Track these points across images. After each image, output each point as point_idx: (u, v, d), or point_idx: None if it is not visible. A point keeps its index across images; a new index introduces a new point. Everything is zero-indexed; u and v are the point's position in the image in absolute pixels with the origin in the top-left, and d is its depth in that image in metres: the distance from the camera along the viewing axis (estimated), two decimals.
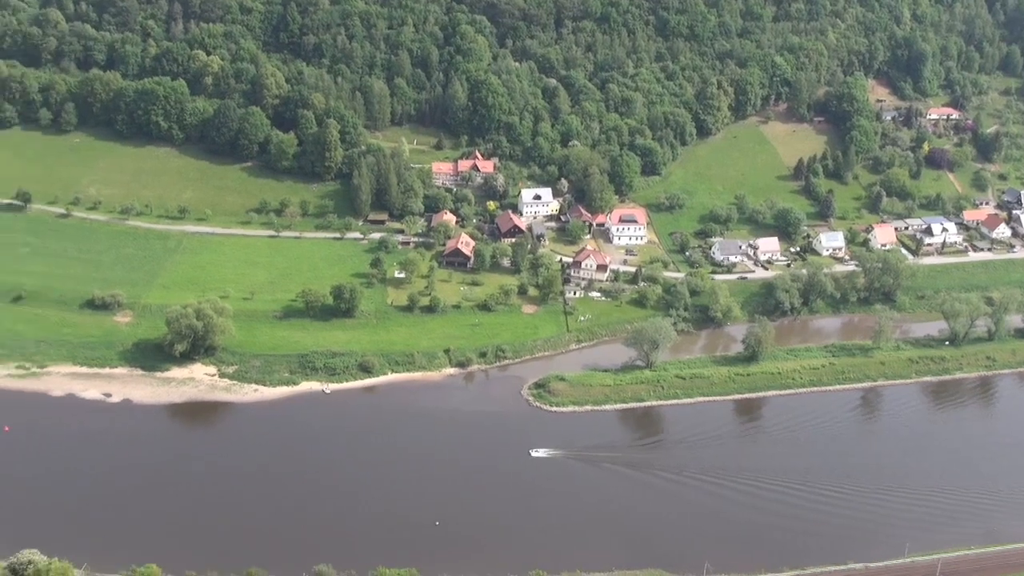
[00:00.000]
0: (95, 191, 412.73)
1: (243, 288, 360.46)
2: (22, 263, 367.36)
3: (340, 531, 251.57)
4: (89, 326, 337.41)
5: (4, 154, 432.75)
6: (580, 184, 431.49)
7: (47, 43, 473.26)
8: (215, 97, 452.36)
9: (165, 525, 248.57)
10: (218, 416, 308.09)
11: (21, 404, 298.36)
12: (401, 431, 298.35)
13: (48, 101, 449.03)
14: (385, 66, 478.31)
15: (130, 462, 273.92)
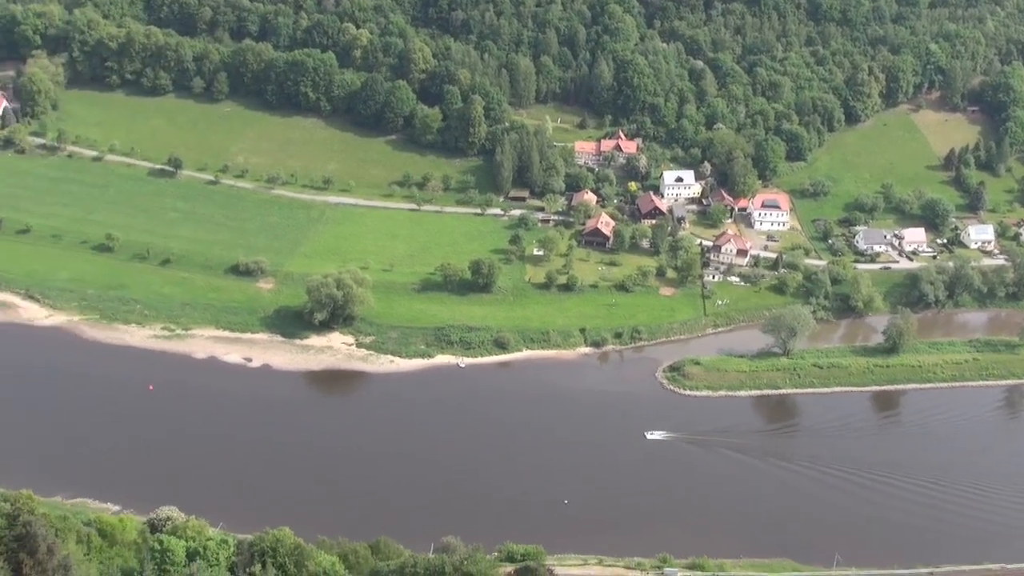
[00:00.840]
0: (243, 159, 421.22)
1: (383, 260, 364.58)
2: (172, 228, 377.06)
3: (468, 504, 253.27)
4: (233, 291, 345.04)
5: (158, 121, 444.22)
6: (723, 168, 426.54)
7: (203, 13, 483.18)
8: (363, 70, 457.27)
9: (298, 489, 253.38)
10: (353, 385, 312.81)
11: (165, 364, 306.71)
12: (533, 408, 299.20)
13: (201, 70, 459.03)
14: (532, 44, 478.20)
15: (267, 427, 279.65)
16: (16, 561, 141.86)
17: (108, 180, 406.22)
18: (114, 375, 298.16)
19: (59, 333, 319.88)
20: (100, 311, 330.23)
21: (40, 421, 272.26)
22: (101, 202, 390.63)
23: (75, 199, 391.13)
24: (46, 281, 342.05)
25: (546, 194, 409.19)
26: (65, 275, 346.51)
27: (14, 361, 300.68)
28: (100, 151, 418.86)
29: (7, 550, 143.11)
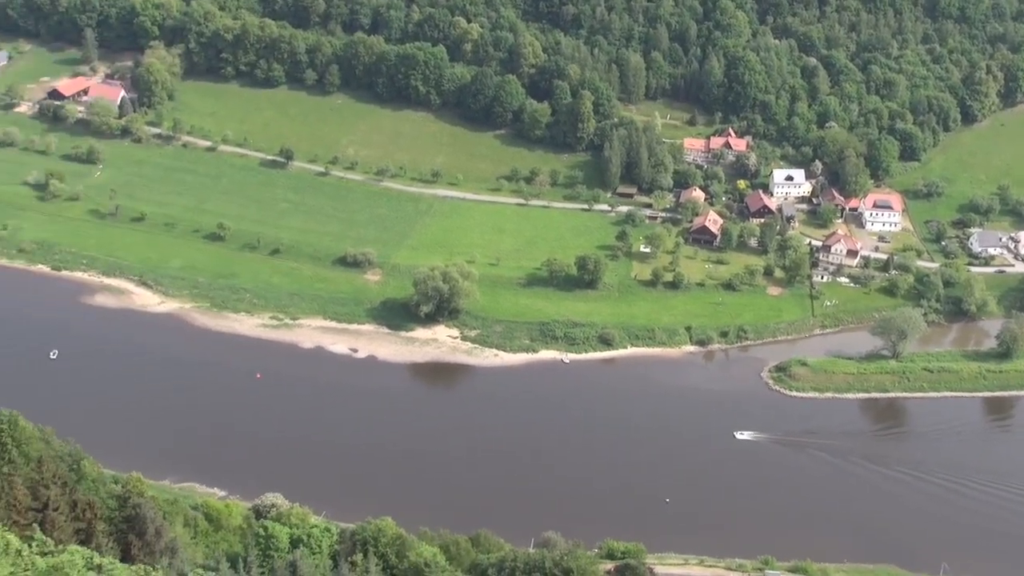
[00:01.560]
0: (353, 152, 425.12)
1: (489, 254, 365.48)
2: (282, 218, 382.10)
3: (568, 500, 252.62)
4: (340, 282, 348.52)
5: (271, 112, 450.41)
6: (834, 167, 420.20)
7: (316, 6, 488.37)
8: (473, 64, 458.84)
9: (400, 480, 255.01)
10: (458, 378, 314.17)
11: (273, 353, 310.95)
12: (636, 405, 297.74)
13: (314, 62, 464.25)
14: (642, 39, 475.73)
15: (371, 418, 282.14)
16: (125, 542, 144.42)
17: (221, 170, 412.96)
18: (223, 363, 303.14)
19: (171, 320, 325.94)
20: (211, 299, 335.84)
21: (150, 406, 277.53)
22: (214, 192, 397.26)
23: (189, 188, 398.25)
24: (159, 268, 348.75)
25: (654, 191, 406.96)
26: (178, 263, 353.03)
27: (127, 346, 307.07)
28: (214, 141, 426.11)
29: (116, 531, 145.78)
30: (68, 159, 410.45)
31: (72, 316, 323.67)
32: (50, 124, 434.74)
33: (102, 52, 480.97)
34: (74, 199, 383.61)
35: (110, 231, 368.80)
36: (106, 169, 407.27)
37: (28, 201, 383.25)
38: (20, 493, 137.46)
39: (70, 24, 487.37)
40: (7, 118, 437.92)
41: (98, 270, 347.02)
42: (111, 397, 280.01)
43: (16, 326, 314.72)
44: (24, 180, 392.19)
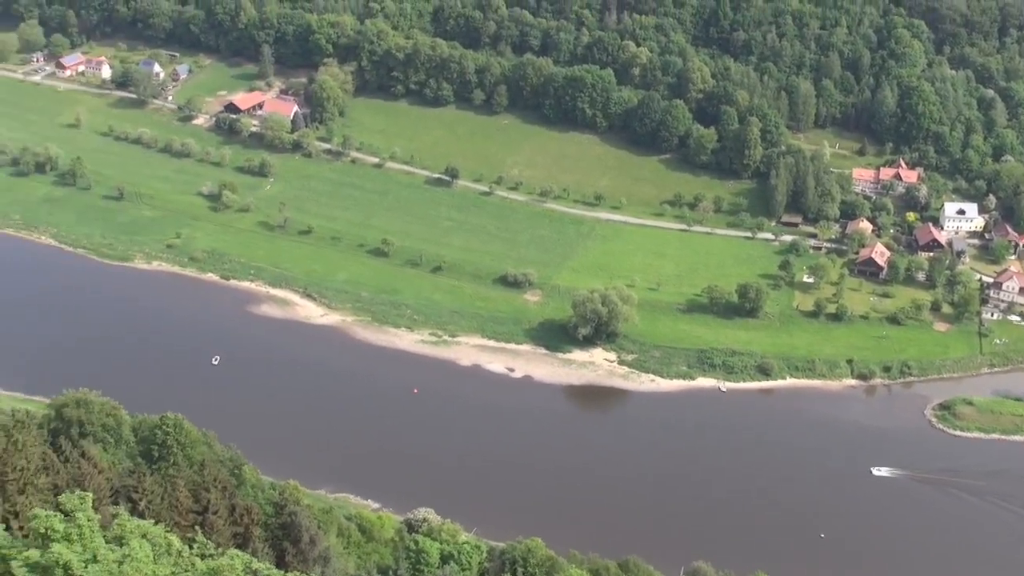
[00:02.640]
0: (518, 172, 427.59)
1: (650, 278, 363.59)
2: (445, 236, 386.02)
3: (719, 530, 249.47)
4: (499, 301, 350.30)
5: (439, 131, 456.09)
6: (1009, 201, 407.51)
7: (487, 27, 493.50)
8: (640, 88, 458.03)
9: (551, 501, 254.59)
10: (613, 402, 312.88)
11: (431, 369, 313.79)
12: (793, 437, 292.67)
13: (483, 82, 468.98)
14: (813, 67, 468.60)
15: (525, 438, 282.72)
16: (280, 549, 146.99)
17: (387, 187, 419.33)
18: (381, 376, 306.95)
19: (333, 332, 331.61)
20: (372, 313, 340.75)
21: (309, 415, 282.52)
22: (379, 208, 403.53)
23: (355, 203, 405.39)
24: (324, 281, 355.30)
25: (819, 220, 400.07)
26: (342, 276, 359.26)
27: (289, 356, 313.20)
28: (381, 158, 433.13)
29: (272, 537, 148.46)
30: (241, 171, 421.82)
31: (237, 324, 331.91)
32: (225, 137, 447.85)
33: (278, 68, 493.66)
34: (245, 210, 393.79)
35: (278, 243, 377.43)
36: (277, 182, 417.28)
37: (201, 211, 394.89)
38: (183, 495, 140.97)
39: (248, 40, 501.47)
40: (185, 130, 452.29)
41: (265, 280, 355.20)
42: (271, 405, 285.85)
43: (183, 331, 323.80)
44: (199, 190, 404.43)
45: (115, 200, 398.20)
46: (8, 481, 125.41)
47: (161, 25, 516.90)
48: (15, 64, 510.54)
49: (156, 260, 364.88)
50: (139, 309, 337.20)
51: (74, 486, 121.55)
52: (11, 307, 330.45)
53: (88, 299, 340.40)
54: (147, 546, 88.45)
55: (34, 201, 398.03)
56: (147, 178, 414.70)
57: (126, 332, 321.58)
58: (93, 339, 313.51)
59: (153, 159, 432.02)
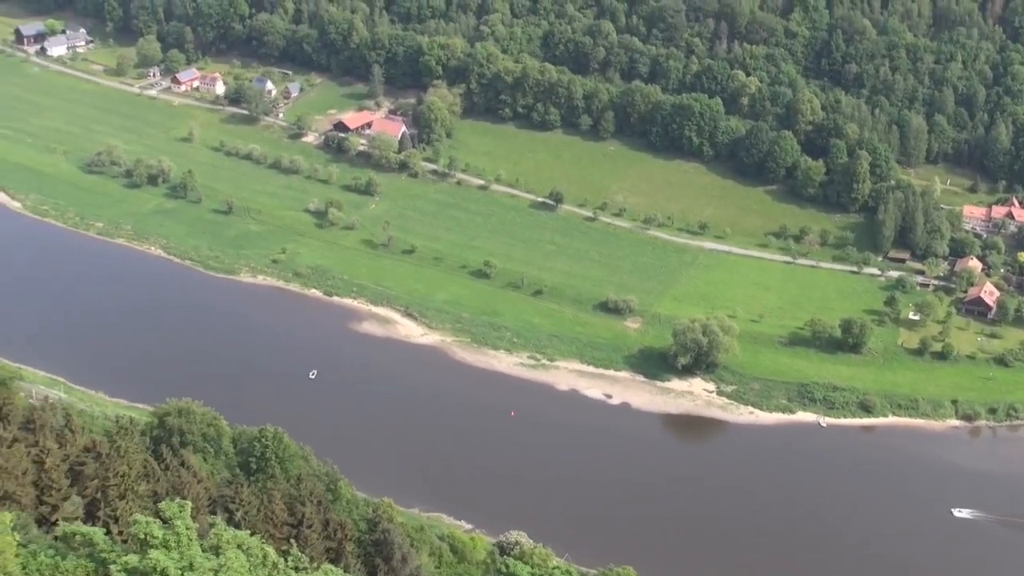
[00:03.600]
0: (622, 199, 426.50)
1: (752, 310, 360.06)
2: (547, 260, 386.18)
3: (810, 565, 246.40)
4: (599, 327, 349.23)
5: (544, 155, 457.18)
6: None
7: (596, 53, 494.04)
8: (749, 118, 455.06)
9: (644, 529, 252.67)
10: (711, 433, 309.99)
11: (529, 392, 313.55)
12: (893, 476, 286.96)
13: (590, 108, 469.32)
14: (926, 101, 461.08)
15: (620, 464, 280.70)
16: (371, 565, 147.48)
17: (491, 209, 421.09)
18: (479, 398, 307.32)
19: (432, 352, 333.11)
20: (472, 334, 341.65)
21: (405, 433, 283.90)
22: (483, 230, 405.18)
23: (459, 225, 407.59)
24: (425, 301, 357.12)
25: (928, 257, 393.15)
26: (443, 296, 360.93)
27: (389, 374, 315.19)
28: (487, 180, 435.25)
29: (364, 553, 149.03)
30: (347, 189, 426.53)
31: (337, 340, 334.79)
32: (333, 155, 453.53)
33: (387, 88, 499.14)
34: (350, 228, 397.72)
35: (381, 261, 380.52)
36: (382, 201, 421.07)
37: (307, 227, 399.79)
38: (278, 508, 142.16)
39: (359, 60, 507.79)
40: (294, 147, 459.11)
41: (367, 298, 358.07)
42: (367, 421, 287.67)
43: (284, 345, 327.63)
44: (305, 207, 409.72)
45: (224, 214, 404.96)
46: (110, 486, 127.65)
47: (275, 43, 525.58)
48: (133, 78, 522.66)
49: (261, 274, 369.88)
50: (242, 322, 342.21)
51: (173, 494, 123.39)
52: (120, 315, 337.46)
53: (193, 310, 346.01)
54: (242, 557, 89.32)
55: (145, 212, 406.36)
56: (255, 193, 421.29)
57: (228, 344, 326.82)
58: (196, 349, 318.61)
59: (262, 175, 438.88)
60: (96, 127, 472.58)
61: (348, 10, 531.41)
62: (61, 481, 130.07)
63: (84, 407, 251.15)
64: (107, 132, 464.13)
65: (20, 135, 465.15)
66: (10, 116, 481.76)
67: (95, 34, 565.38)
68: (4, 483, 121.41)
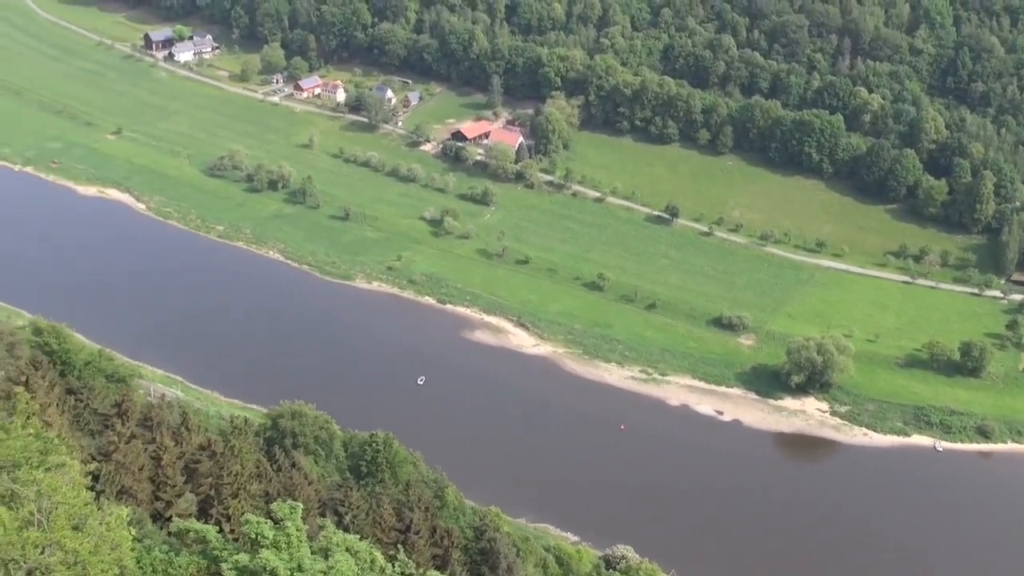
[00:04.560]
0: (738, 214, 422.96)
1: (868, 330, 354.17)
2: (661, 274, 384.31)
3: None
4: (712, 343, 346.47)
5: (660, 169, 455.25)
6: None
7: (716, 67, 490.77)
8: (870, 135, 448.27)
9: (753, 549, 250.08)
10: (823, 453, 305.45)
11: (639, 406, 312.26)
12: (1010, 506, 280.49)
13: (709, 122, 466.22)
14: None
15: (729, 481, 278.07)
16: (477, 573, 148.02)
17: (606, 221, 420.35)
18: (589, 410, 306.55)
19: (543, 362, 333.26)
20: (583, 346, 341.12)
21: (513, 443, 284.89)
22: (597, 242, 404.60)
23: (574, 236, 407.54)
24: (538, 312, 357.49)
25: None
26: (556, 308, 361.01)
27: (499, 383, 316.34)
28: (602, 193, 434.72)
29: (470, 561, 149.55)
30: (463, 198, 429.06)
31: (449, 348, 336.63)
32: (450, 164, 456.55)
33: (505, 99, 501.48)
34: (465, 237, 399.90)
35: (495, 271, 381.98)
36: (498, 211, 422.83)
37: (423, 235, 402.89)
38: (387, 513, 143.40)
39: (479, 70, 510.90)
40: (412, 155, 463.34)
41: (480, 307, 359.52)
42: (476, 429, 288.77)
43: (394, 351, 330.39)
44: (421, 215, 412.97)
45: (341, 220, 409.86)
46: (223, 485, 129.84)
47: (396, 52, 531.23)
48: (256, 84, 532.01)
49: (376, 280, 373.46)
50: (356, 327, 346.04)
51: (285, 495, 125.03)
52: (238, 317, 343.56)
53: (308, 314, 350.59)
54: (351, 560, 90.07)
55: (265, 217, 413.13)
56: (373, 200, 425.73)
57: (341, 348, 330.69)
58: (310, 352, 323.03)
59: (380, 182, 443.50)
60: (220, 132, 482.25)
61: (469, 21, 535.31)
62: (176, 478, 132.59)
63: (200, 406, 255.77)
64: (230, 137, 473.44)
65: (147, 138, 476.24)
66: (138, 120, 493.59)
67: (221, 40, 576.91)
68: (122, 478, 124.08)
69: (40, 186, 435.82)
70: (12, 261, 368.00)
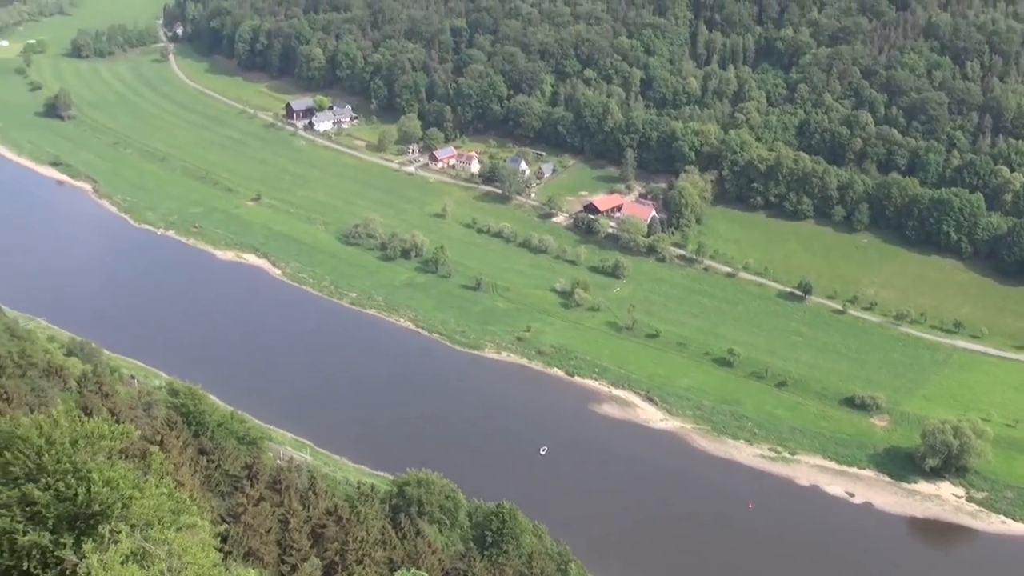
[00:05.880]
0: (873, 292, 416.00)
1: (1007, 414, 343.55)
2: (792, 351, 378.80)
3: None
4: (843, 423, 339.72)
5: (794, 245, 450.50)
6: None
7: (853, 143, 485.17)
8: (1011, 215, 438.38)
9: None
10: (958, 540, 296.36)
11: (767, 485, 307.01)
12: None
13: (844, 199, 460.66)
14: None
15: (863, 566, 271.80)
16: None
17: (738, 297, 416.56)
18: (716, 487, 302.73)
19: (670, 438, 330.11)
20: (712, 423, 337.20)
21: (639, 518, 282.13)
22: (728, 317, 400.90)
23: (704, 311, 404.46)
24: (666, 386, 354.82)
25: None
26: (685, 383, 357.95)
27: (625, 457, 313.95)
28: (734, 268, 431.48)
29: None
30: (594, 271, 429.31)
31: (575, 420, 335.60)
32: (582, 236, 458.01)
33: (639, 172, 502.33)
34: (595, 309, 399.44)
35: (624, 344, 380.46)
36: (628, 284, 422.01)
37: (553, 307, 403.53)
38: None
39: (613, 144, 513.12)
40: (544, 226, 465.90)
41: (608, 380, 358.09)
42: (600, 502, 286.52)
43: (520, 421, 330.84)
44: (552, 286, 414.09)
45: (472, 290, 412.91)
46: (348, 550, 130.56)
47: (531, 124, 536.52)
48: (392, 154, 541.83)
49: (505, 351, 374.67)
50: (483, 396, 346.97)
51: (409, 563, 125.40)
52: (367, 383, 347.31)
53: (437, 382, 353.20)
54: None
55: (397, 285, 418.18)
56: (504, 271, 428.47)
57: (467, 416, 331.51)
58: (437, 420, 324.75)
59: (511, 253, 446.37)
60: (356, 200, 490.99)
61: (604, 94, 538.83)
62: (303, 542, 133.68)
63: (328, 471, 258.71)
64: (365, 205, 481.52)
65: (285, 205, 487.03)
66: (277, 187, 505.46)
67: (360, 111, 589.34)
68: (249, 540, 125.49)
69: (180, 249, 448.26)
70: (152, 322, 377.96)
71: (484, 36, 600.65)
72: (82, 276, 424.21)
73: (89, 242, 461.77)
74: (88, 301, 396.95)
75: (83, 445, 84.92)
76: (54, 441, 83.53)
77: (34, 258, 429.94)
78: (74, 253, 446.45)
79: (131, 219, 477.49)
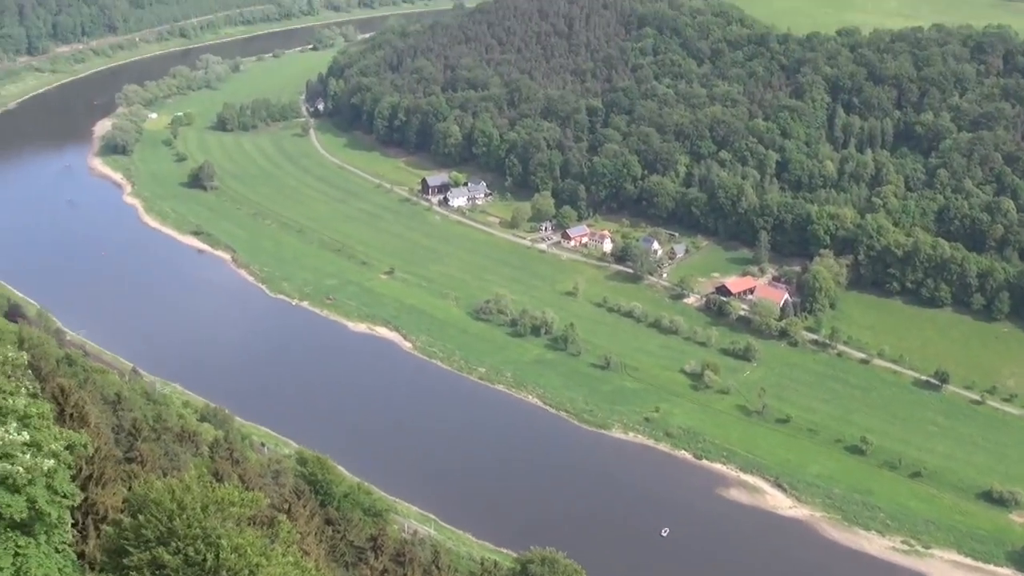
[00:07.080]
0: (1014, 383, 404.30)
1: None
2: (927, 441, 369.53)
3: None
4: (980, 517, 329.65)
5: (930, 332, 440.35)
6: None
7: (994, 230, 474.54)
8: None
9: None
10: None
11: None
12: None
13: (984, 287, 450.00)
14: None
15: None
16: None
17: (871, 384, 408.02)
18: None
19: (798, 526, 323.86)
20: (843, 512, 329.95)
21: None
22: (861, 404, 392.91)
23: (836, 397, 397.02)
24: (796, 473, 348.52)
25: None
26: (815, 469, 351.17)
27: (753, 545, 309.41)
28: (868, 354, 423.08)
29: None
30: (725, 353, 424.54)
31: (701, 503, 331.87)
32: (713, 318, 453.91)
33: (772, 255, 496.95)
34: (724, 392, 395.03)
35: (754, 428, 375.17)
36: (759, 367, 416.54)
37: (682, 388, 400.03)
38: None
39: (747, 226, 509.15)
40: (675, 307, 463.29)
41: (736, 464, 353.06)
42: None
43: (644, 501, 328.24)
44: (682, 368, 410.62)
45: (601, 369, 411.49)
46: None
47: (664, 205, 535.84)
48: (525, 231, 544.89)
49: (632, 431, 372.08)
50: (609, 475, 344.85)
51: None
52: (495, 460, 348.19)
53: (563, 461, 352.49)
54: None
55: (526, 362, 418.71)
56: (633, 351, 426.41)
57: (592, 495, 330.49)
58: (561, 497, 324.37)
59: (641, 333, 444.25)
60: (487, 276, 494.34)
61: (739, 176, 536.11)
62: None
63: (451, 546, 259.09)
64: (497, 281, 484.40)
65: (418, 279, 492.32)
66: (411, 261, 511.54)
67: (494, 187, 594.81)
68: None
69: (313, 320, 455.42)
70: (283, 390, 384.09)
71: (619, 116, 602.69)
72: (218, 343, 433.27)
73: (225, 310, 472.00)
74: (223, 368, 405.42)
75: (213, 511, 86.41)
76: (186, 506, 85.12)
77: (173, 325, 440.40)
78: (211, 321, 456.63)
79: (267, 289, 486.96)
